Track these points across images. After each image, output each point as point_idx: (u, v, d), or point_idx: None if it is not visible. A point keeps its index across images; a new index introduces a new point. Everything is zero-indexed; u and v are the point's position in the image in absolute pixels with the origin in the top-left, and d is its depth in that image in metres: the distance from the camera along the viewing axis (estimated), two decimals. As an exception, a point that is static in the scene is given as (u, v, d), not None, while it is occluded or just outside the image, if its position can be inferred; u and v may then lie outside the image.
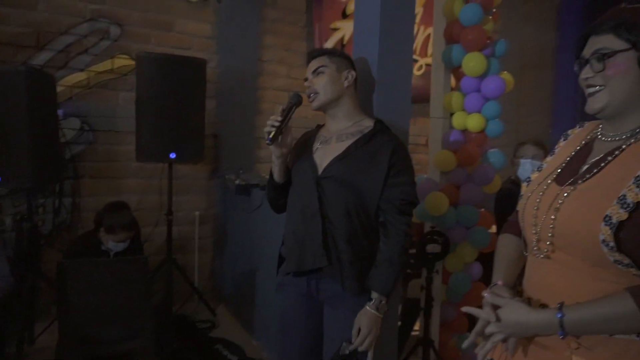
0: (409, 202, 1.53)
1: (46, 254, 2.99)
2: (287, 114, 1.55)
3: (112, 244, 2.55)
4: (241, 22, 3.47)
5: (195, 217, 3.44)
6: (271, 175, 1.71)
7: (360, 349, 1.46)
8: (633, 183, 0.93)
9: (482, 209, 2.59)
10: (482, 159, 2.50)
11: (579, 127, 1.16)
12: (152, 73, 2.75)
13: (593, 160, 1.03)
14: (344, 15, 3.79)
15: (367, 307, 1.48)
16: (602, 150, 1.03)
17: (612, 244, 0.91)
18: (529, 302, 1.04)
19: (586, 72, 1.01)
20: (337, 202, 1.53)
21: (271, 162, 1.65)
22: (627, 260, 0.92)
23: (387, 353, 1.94)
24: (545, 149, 2.58)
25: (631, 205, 0.91)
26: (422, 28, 4.13)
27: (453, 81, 2.55)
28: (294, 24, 3.75)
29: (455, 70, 2.50)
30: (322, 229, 1.53)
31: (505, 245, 1.19)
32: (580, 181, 1.01)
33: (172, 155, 2.81)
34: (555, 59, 4.85)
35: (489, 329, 1.02)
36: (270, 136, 1.52)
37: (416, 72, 4.09)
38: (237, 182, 2.97)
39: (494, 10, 2.43)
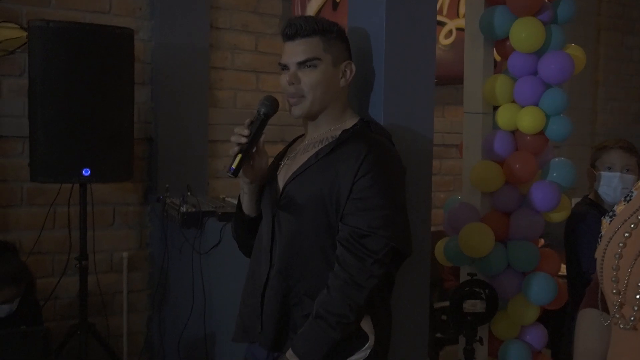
0: (369, 235, 1.52)
1: None
2: (256, 129, 1.58)
3: (-8, 307, 2.56)
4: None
5: (122, 261, 3.43)
6: (239, 206, 1.77)
7: None
8: None
9: (544, 246, 2.56)
10: (542, 172, 2.50)
11: None
12: (52, 50, 2.73)
13: None
14: (337, -39, 3.79)
15: None
16: None
17: None
18: None
19: None
20: (293, 239, 1.60)
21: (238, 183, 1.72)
22: None
23: None
24: None
25: None
26: (450, -23, 4.15)
27: (497, 58, 2.56)
28: (262, -27, 3.80)
29: (499, 43, 2.51)
30: (265, 281, 1.62)
31: (586, 332, 1.19)
32: None
33: (86, 172, 2.80)
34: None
35: None
36: (234, 165, 1.54)
37: (442, 41, 4.12)
38: (183, 208, 2.96)
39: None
